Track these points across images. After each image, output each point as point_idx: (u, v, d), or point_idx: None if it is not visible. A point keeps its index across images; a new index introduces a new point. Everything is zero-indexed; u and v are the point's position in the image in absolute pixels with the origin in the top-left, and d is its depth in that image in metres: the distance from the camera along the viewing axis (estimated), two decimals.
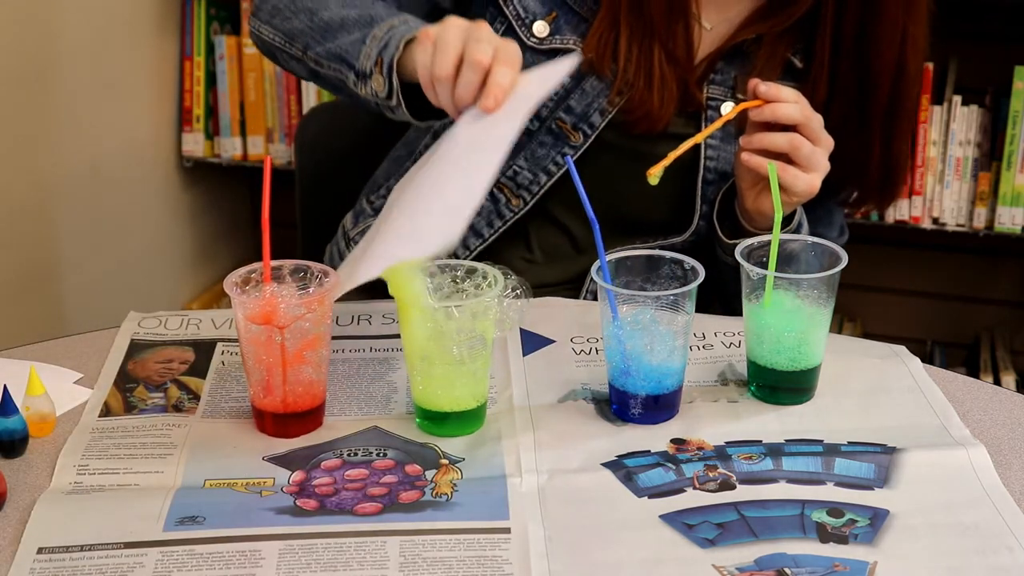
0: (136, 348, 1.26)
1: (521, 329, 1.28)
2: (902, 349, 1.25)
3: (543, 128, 1.46)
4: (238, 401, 1.16)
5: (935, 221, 2.40)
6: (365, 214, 1.59)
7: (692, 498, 1.01)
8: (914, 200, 2.38)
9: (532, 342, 1.27)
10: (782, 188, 1.27)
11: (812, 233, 1.51)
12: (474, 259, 1.42)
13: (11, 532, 0.97)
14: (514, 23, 1.45)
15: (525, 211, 1.48)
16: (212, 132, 2.62)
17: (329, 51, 1.35)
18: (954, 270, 2.67)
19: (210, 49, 2.57)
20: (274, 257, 1.10)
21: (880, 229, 2.42)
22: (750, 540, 0.96)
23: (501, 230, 1.48)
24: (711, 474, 1.05)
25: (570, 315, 1.33)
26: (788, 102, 1.29)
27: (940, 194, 2.38)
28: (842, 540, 0.96)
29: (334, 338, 1.23)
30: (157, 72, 2.52)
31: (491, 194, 1.49)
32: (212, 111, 2.61)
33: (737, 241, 1.34)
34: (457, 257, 1.46)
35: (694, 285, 1.10)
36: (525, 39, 1.44)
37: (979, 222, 2.37)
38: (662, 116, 1.43)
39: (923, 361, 1.23)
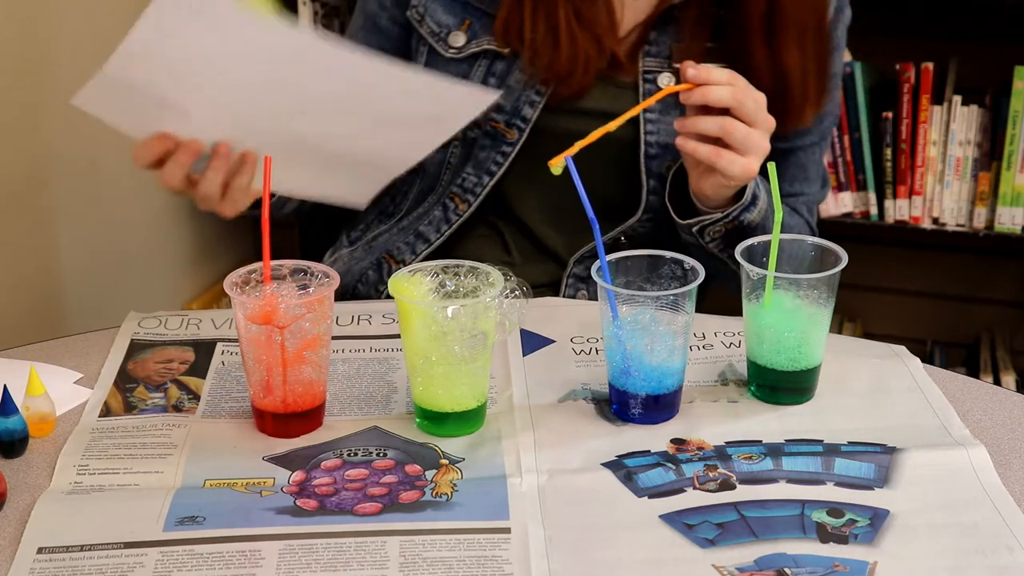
0: (136, 348, 1.26)
1: (521, 329, 1.28)
2: (902, 349, 1.25)
3: (481, 132, 1.48)
4: (238, 401, 1.16)
5: (935, 221, 2.40)
6: (340, 245, 1.63)
7: (692, 498, 1.01)
8: (914, 200, 2.38)
9: (532, 342, 1.27)
10: (718, 172, 1.27)
11: (791, 193, 1.54)
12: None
13: (11, 532, 0.97)
14: (430, 40, 1.48)
15: (471, 214, 1.50)
16: None
17: None
18: (954, 270, 2.67)
19: None
20: (274, 257, 1.10)
21: (880, 229, 2.42)
22: (750, 540, 0.96)
23: (448, 233, 1.51)
24: (711, 474, 1.05)
25: (570, 315, 1.33)
26: (719, 84, 1.26)
27: (940, 194, 2.38)
28: (842, 540, 0.96)
29: (334, 338, 1.23)
30: None
31: (442, 203, 1.52)
32: None
33: (696, 220, 1.38)
34: (404, 263, 1.49)
35: (694, 285, 1.10)
36: (444, 52, 1.47)
37: (979, 222, 2.37)
38: (581, 80, 1.43)
39: (923, 361, 1.23)
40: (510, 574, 0.93)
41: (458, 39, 1.47)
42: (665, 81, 1.44)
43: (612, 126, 1.24)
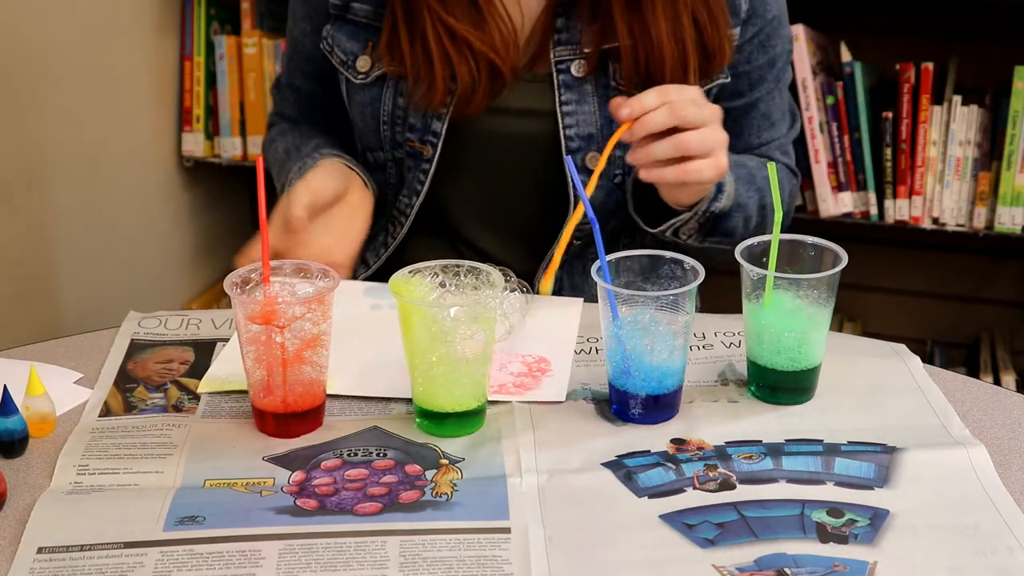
0: (136, 348, 1.26)
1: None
2: (902, 348, 1.25)
3: (404, 152, 1.48)
4: (238, 401, 1.16)
5: (935, 221, 2.40)
6: None
7: (692, 498, 1.01)
8: (914, 200, 2.38)
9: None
10: (693, 183, 1.27)
11: (761, 143, 1.52)
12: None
13: (11, 532, 0.97)
14: (341, 69, 1.49)
15: (404, 236, 1.51)
16: (212, 132, 2.62)
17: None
18: (954, 270, 2.67)
19: (210, 49, 2.57)
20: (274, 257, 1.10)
21: (880, 229, 2.42)
22: (750, 540, 0.96)
23: (385, 257, 1.52)
24: (711, 474, 1.05)
25: None
26: (653, 110, 1.24)
27: (940, 194, 2.38)
28: (842, 540, 0.96)
29: None
30: (157, 72, 2.52)
31: (384, 227, 1.54)
32: (212, 111, 2.61)
33: (668, 226, 1.38)
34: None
35: (694, 285, 1.10)
36: (354, 79, 1.48)
37: (979, 222, 2.37)
38: (472, 101, 1.41)
39: (923, 361, 1.23)
40: (510, 574, 0.93)
41: (364, 64, 1.47)
42: (576, 70, 1.42)
43: (574, 222, 1.24)
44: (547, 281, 1.25)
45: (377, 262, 1.53)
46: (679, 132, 1.25)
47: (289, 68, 1.60)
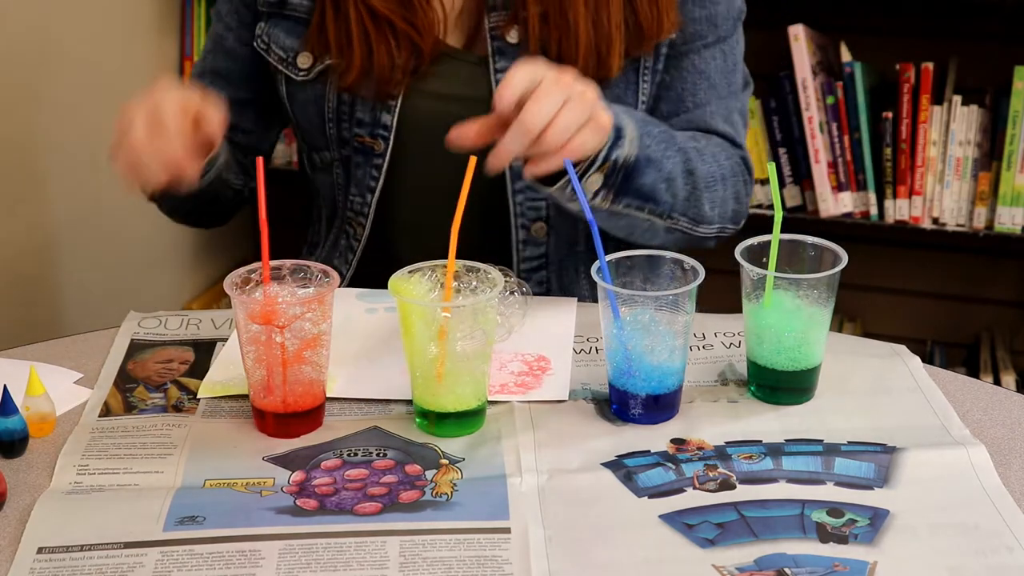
0: (136, 348, 1.26)
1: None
2: (902, 349, 1.25)
3: (352, 149, 1.45)
4: (238, 401, 1.16)
5: (935, 221, 2.40)
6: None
7: (692, 498, 1.01)
8: (914, 200, 2.38)
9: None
10: (582, 156, 1.20)
11: (696, 105, 1.44)
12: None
13: (11, 532, 0.97)
14: (280, 67, 1.45)
15: (368, 236, 1.47)
16: None
17: None
18: (954, 270, 2.67)
19: None
20: (274, 257, 1.10)
21: (880, 229, 2.43)
22: (750, 540, 0.96)
23: (356, 261, 1.49)
24: (711, 474, 1.05)
25: None
26: (505, 90, 1.16)
27: (940, 194, 2.38)
28: (842, 540, 0.96)
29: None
30: (157, 72, 2.52)
31: (344, 231, 1.50)
32: None
33: (564, 181, 1.24)
34: None
35: (694, 285, 1.10)
36: (296, 76, 1.44)
37: (979, 222, 2.37)
38: (391, 81, 1.39)
39: (923, 361, 1.23)
40: (510, 574, 0.93)
41: (305, 60, 1.43)
42: (513, 36, 1.38)
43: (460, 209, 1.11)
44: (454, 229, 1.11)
45: (349, 269, 1.49)
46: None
47: (203, 65, 1.53)
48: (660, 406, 1.12)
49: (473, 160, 1.12)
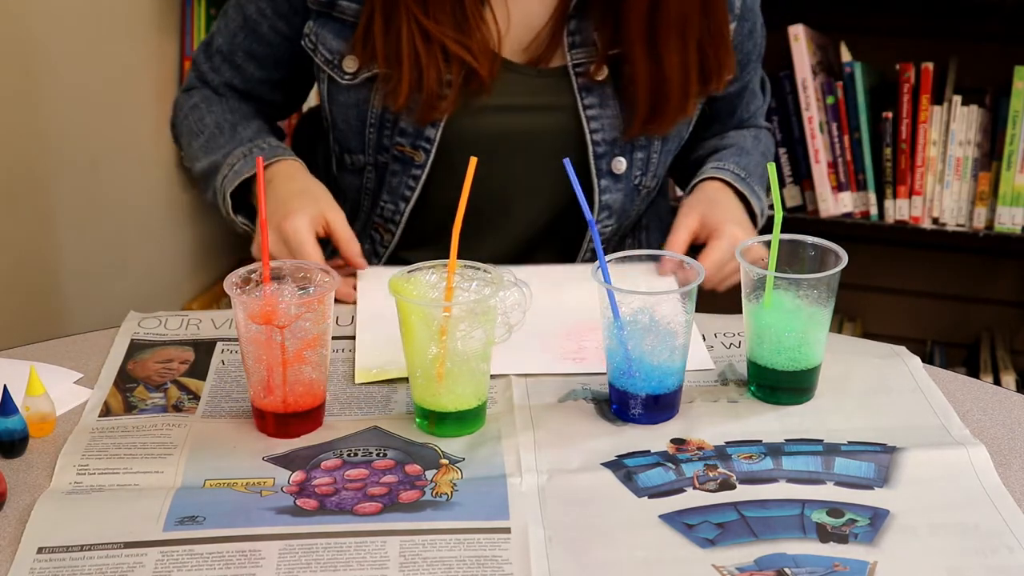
0: (136, 348, 1.26)
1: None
2: (902, 349, 1.25)
3: (390, 157, 1.45)
4: (238, 401, 1.16)
5: (935, 221, 2.40)
6: None
7: (692, 498, 1.01)
8: (914, 200, 2.38)
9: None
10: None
11: (751, 114, 1.61)
12: None
13: (11, 532, 0.97)
14: (326, 68, 1.45)
15: (397, 242, 1.49)
16: None
17: (209, 200, 1.51)
18: (954, 270, 2.67)
19: None
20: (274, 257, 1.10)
21: (880, 229, 2.43)
22: (750, 540, 0.96)
23: (380, 265, 1.49)
24: (711, 474, 1.05)
25: None
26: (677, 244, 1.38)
27: (940, 194, 2.38)
28: (842, 540, 0.96)
29: (334, 338, 1.23)
30: (157, 72, 2.52)
31: (368, 235, 1.51)
32: None
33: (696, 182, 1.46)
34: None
35: (694, 285, 1.10)
36: (340, 79, 1.44)
37: (979, 222, 2.37)
38: (438, 105, 1.39)
39: (923, 361, 1.23)
40: (510, 574, 0.92)
41: (351, 64, 1.43)
42: (595, 73, 1.42)
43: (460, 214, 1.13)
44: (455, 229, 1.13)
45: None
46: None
47: (233, 43, 1.52)
48: (660, 406, 1.12)
49: (473, 160, 1.12)
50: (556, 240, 1.50)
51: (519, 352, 1.21)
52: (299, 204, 1.34)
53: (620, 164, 1.45)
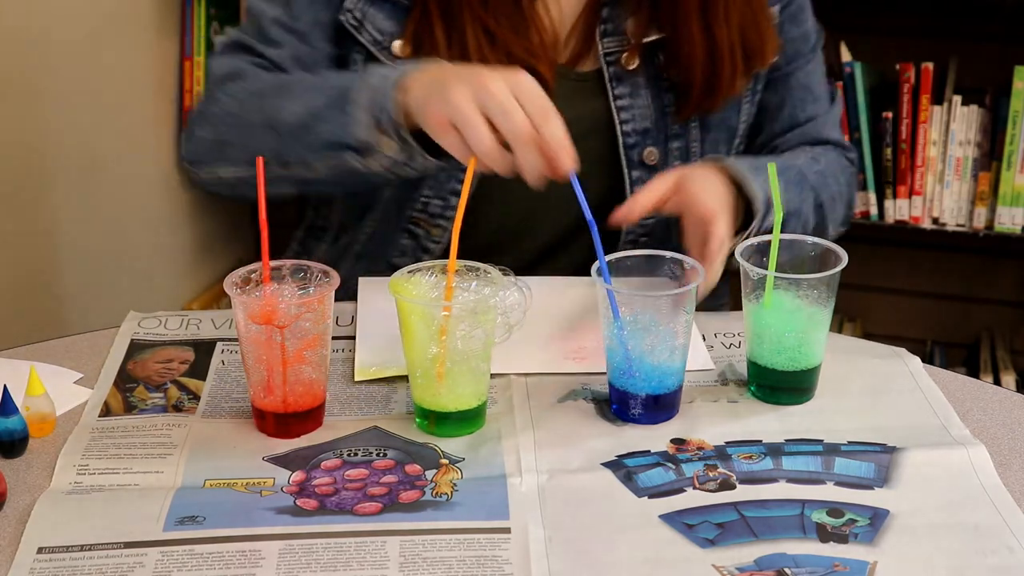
0: (136, 348, 1.26)
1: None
2: (902, 350, 1.25)
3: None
4: (238, 401, 1.16)
5: (935, 221, 2.40)
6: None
7: (692, 498, 1.01)
8: (914, 200, 2.38)
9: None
10: (726, 245, 1.23)
11: (807, 118, 1.50)
12: None
13: (11, 532, 0.97)
14: (372, 49, 1.37)
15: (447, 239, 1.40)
16: None
17: (314, 146, 1.27)
18: (954, 270, 2.67)
19: (210, 49, 2.57)
20: (273, 257, 1.10)
21: (880, 229, 2.43)
22: (750, 540, 0.96)
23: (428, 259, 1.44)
24: (711, 474, 1.05)
25: None
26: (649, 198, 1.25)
27: (940, 194, 2.38)
28: (842, 540, 0.96)
29: (334, 338, 1.23)
30: (157, 72, 2.52)
31: (407, 230, 1.45)
32: None
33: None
34: None
35: (694, 285, 1.10)
36: (387, 61, 1.36)
37: (979, 222, 2.37)
38: None
39: (923, 361, 1.23)
40: (510, 574, 0.92)
41: (402, 49, 1.35)
42: (626, 62, 1.39)
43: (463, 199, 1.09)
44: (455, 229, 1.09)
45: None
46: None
47: (293, 11, 1.38)
48: (660, 406, 1.12)
49: (473, 160, 1.12)
50: (583, 243, 1.46)
51: (519, 352, 1.21)
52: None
53: (652, 155, 1.42)
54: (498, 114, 1.11)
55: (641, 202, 1.24)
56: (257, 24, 1.40)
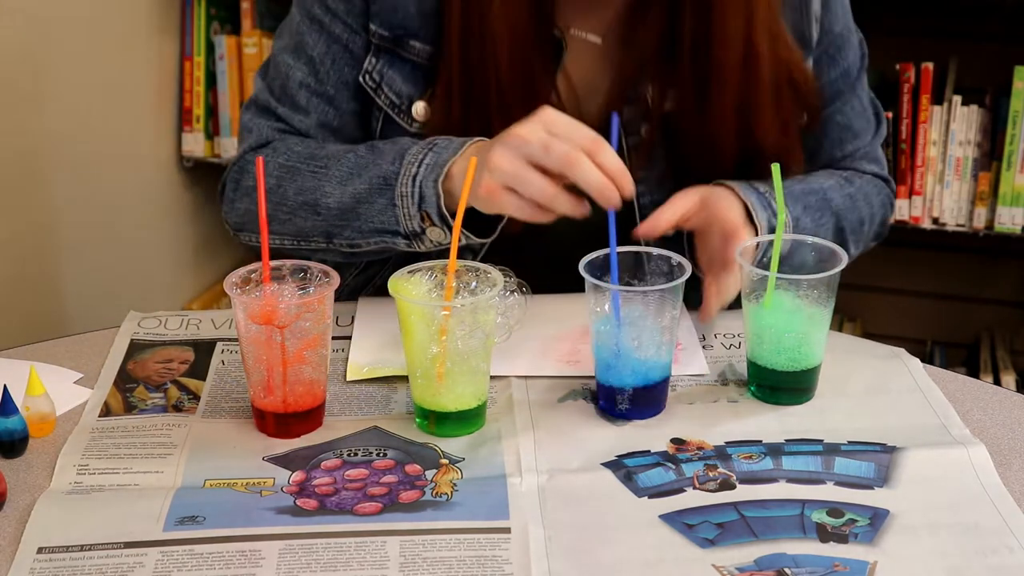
0: (136, 348, 1.26)
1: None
2: (902, 351, 1.25)
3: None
4: (238, 401, 1.16)
5: (935, 221, 2.40)
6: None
7: (692, 498, 1.01)
8: (914, 200, 2.38)
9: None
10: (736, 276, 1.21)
11: (845, 155, 1.43)
12: None
13: (11, 532, 0.97)
14: (390, 112, 1.34)
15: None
16: (212, 132, 2.62)
17: (362, 230, 1.28)
18: (954, 270, 2.67)
19: (210, 49, 2.57)
20: (273, 257, 1.10)
21: None
22: (750, 540, 0.96)
23: (482, 254, 1.36)
24: (711, 474, 1.05)
25: None
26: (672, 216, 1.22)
27: (940, 194, 2.38)
28: (842, 540, 0.96)
29: (334, 338, 1.23)
30: (157, 72, 2.52)
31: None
32: (212, 111, 2.61)
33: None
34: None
35: (680, 281, 1.10)
36: (408, 126, 1.33)
37: (979, 222, 2.37)
38: None
39: (923, 361, 1.23)
40: (510, 574, 0.93)
41: (422, 112, 1.32)
42: (645, 132, 1.33)
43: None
44: (455, 228, 1.09)
45: (476, 258, 1.32)
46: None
47: (319, 74, 1.34)
48: (647, 400, 1.12)
49: (474, 160, 1.12)
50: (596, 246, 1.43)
51: (517, 355, 1.21)
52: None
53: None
54: (541, 156, 1.12)
55: (666, 217, 1.23)
56: (283, 86, 1.37)
